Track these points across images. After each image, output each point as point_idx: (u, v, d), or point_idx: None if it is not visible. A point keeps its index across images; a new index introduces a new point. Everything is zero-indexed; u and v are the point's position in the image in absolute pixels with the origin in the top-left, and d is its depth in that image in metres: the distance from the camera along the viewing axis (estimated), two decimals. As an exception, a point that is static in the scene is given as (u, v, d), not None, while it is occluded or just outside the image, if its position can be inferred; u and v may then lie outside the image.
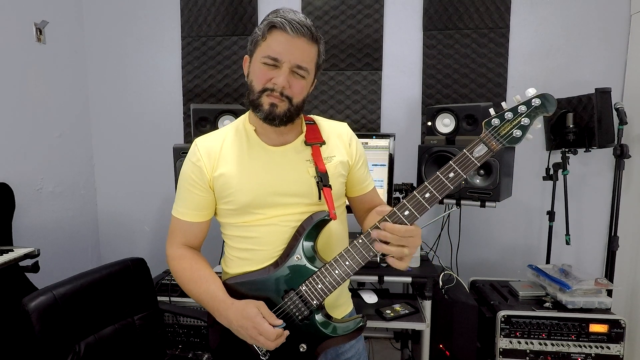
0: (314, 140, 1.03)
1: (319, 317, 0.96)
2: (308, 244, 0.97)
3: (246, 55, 1.00)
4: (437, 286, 1.77)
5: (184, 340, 1.84)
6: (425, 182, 0.87)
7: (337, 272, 0.93)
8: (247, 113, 1.06)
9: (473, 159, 0.84)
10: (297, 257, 0.96)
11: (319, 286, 0.94)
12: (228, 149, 1.01)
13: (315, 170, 1.00)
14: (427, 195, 0.87)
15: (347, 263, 0.93)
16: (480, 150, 0.84)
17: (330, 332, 0.97)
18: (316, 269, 0.95)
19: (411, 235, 0.87)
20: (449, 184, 0.85)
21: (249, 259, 1.01)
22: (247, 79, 0.99)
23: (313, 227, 0.97)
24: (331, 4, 2.32)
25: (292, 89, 0.93)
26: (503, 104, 0.85)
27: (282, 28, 0.90)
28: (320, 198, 1.00)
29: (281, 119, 0.94)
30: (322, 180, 0.99)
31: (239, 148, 1.01)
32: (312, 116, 1.09)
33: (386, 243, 0.88)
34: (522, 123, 0.82)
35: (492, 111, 0.86)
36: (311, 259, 0.96)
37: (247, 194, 0.97)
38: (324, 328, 0.96)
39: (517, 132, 0.82)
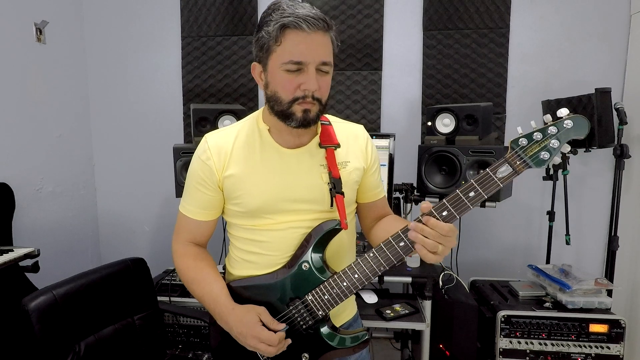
0: (329, 142, 0.97)
1: (324, 329, 0.94)
2: (317, 253, 0.93)
3: (254, 63, 0.92)
4: (437, 286, 1.76)
5: (184, 340, 1.84)
6: (444, 200, 0.82)
7: (345, 284, 0.90)
8: (260, 110, 1.01)
9: (496, 179, 0.78)
10: (305, 265, 0.93)
11: (326, 297, 0.91)
12: (240, 148, 0.95)
13: (329, 176, 0.95)
14: (445, 213, 0.81)
15: (356, 276, 0.89)
16: (504, 170, 0.78)
17: (334, 344, 0.94)
18: (324, 279, 0.92)
19: (451, 236, 0.80)
20: (469, 204, 0.80)
21: (255, 262, 0.99)
22: (266, 89, 0.91)
23: (323, 236, 0.93)
24: (331, 4, 2.32)
25: (321, 89, 0.87)
26: (532, 122, 0.78)
27: (298, 27, 0.82)
28: (332, 205, 0.96)
29: (315, 121, 0.91)
30: (335, 187, 0.95)
31: (251, 148, 0.96)
32: (327, 116, 1.02)
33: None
34: (550, 145, 0.76)
35: (519, 129, 0.79)
36: (319, 268, 0.93)
37: (257, 199, 0.93)
38: (328, 340, 0.94)
39: (545, 155, 0.76)
